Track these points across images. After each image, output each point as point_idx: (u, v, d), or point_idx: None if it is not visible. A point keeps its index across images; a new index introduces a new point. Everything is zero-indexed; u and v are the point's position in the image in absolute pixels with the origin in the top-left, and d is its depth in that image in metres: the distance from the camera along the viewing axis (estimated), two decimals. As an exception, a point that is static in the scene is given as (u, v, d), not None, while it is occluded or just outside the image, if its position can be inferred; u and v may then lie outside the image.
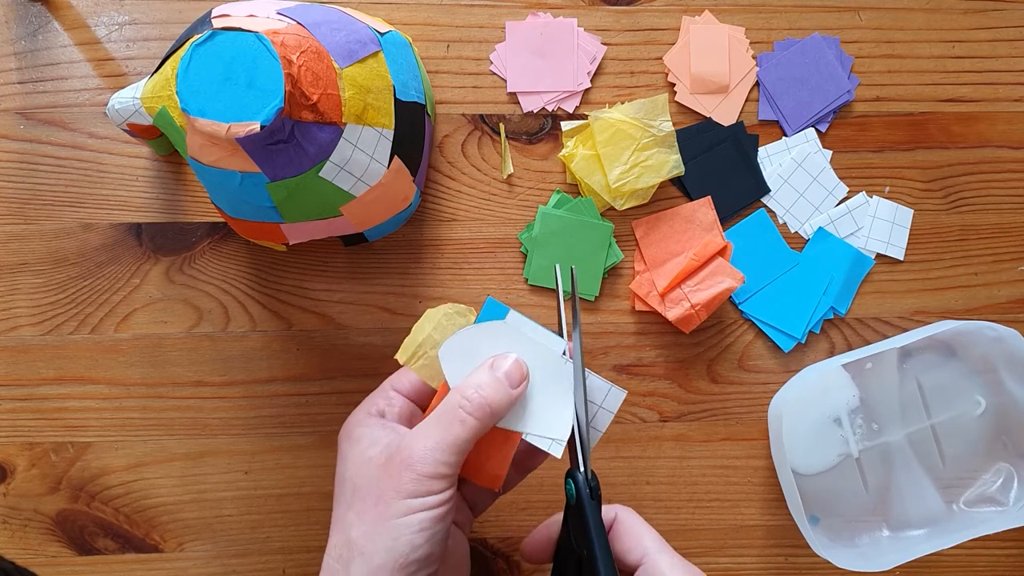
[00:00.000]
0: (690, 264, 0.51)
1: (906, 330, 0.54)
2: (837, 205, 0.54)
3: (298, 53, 0.39)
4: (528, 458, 0.44)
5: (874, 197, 0.54)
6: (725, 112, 0.53)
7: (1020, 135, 0.55)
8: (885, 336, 0.54)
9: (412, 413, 0.41)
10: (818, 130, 0.54)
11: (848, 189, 0.54)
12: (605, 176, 0.51)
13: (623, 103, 0.52)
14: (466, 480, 0.41)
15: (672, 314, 0.51)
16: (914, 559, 0.49)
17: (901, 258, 0.54)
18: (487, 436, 0.39)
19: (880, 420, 0.53)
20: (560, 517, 0.41)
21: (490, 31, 0.53)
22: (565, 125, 0.52)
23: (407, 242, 0.52)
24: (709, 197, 0.53)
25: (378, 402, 0.40)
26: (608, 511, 0.40)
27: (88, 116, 0.51)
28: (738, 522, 0.54)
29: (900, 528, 0.52)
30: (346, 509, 0.37)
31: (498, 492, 0.42)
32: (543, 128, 0.53)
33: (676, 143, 0.51)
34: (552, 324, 0.43)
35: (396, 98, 0.44)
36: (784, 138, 0.54)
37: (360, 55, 0.42)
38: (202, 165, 0.41)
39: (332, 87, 0.40)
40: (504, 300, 0.52)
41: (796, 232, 0.54)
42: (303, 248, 0.52)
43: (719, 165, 0.53)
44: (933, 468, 0.53)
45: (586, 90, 0.53)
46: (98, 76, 0.51)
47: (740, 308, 0.53)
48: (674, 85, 0.53)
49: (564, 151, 0.52)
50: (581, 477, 0.39)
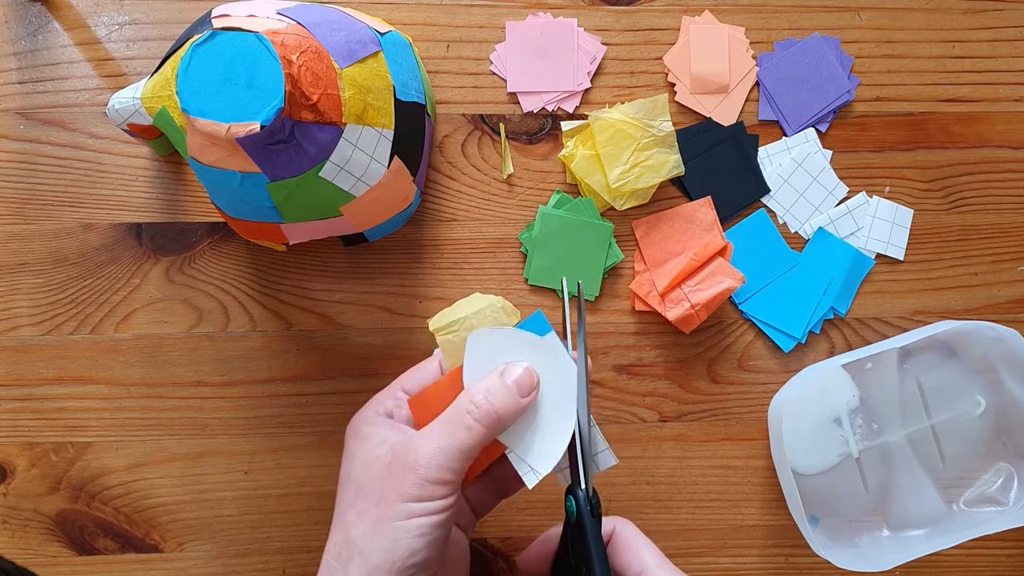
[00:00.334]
0: (690, 264, 0.51)
1: (906, 330, 0.54)
2: (837, 205, 0.54)
3: (298, 53, 0.39)
4: (505, 483, 0.43)
5: (874, 197, 0.54)
6: (725, 112, 0.53)
7: (1020, 135, 0.55)
8: (885, 336, 0.54)
9: None
10: (818, 130, 0.54)
11: (848, 189, 0.54)
12: (605, 176, 0.51)
13: (623, 103, 0.52)
14: (471, 483, 0.41)
15: (672, 314, 0.51)
16: (914, 559, 0.49)
17: (901, 258, 0.54)
18: None
19: (880, 420, 0.53)
20: (557, 531, 0.41)
21: (490, 31, 0.53)
22: (565, 125, 0.52)
23: (407, 242, 0.52)
24: (709, 197, 0.53)
25: (386, 402, 0.40)
26: (607, 523, 0.40)
27: (88, 116, 0.51)
28: (738, 522, 0.54)
29: (900, 528, 0.52)
30: (348, 507, 0.37)
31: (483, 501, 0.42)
32: (543, 128, 0.53)
33: (676, 143, 0.51)
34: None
35: (396, 98, 0.44)
36: (784, 138, 0.54)
37: (360, 55, 0.42)
38: (202, 165, 0.41)
39: (332, 87, 0.40)
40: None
41: (796, 232, 0.54)
42: (303, 248, 0.52)
43: (719, 165, 0.53)
44: (933, 468, 0.53)
45: (586, 90, 0.53)
46: (98, 76, 0.51)
47: (740, 308, 0.53)
48: (674, 85, 0.53)
49: (564, 151, 0.52)
50: (582, 495, 0.38)
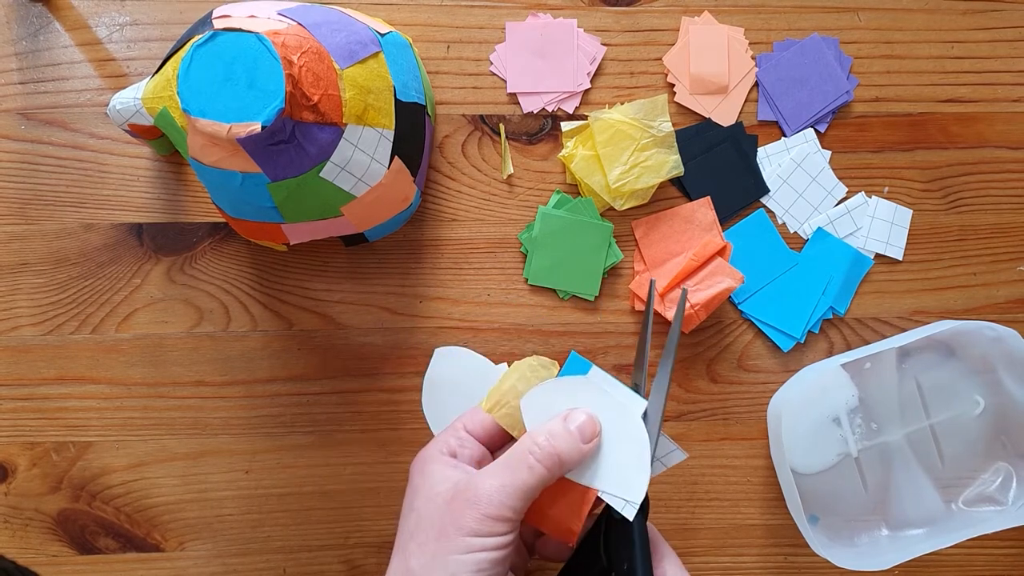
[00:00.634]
0: (690, 264, 0.51)
1: (905, 330, 0.54)
2: (836, 205, 0.54)
3: (299, 54, 0.39)
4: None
5: (873, 197, 0.54)
6: (724, 112, 0.53)
7: (1019, 135, 0.55)
8: (884, 336, 0.54)
9: (482, 456, 0.41)
10: (817, 130, 0.54)
11: (847, 189, 0.54)
12: (605, 176, 0.51)
13: (623, 103, 0.52)
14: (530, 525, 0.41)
15: (672, 314, 0.51)
16: (913, 558, 0.49)
17: (900, 258, 0.54)
18: (564, 490, 0.39)
19: (879, 420, 0.53)
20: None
21: (490, 32, 0.53)
22: (565, 125, 0.52)
23: (407, 242, 0.52)
24: (708, 197, 0.53)
25: (450, 441, 0.41)
26: None
27: (89, 116, 0.51)
28: (738, 522, 0.54)
29: (899, 527, 0.52)
30: (408, 538, 0.38)
31: (572, 547, 0.42)
32: (543, 128, 0.53)
33: (676, 143, 0.51)
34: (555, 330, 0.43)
35: (396, 99, 0.44)
36: (783, 138, 0.54)
37: (361, 56, 0.43)
38: (203, 165, 0.41)
39: (333, 88, 0.40)
40: (504, 300, 0.52)
41: (795, 232, 0.54)
42: (304, 248, 0.52)
43: (718, 165, 0.53)
44: (932, 468, 0.53)
45: (586, 91, 0.53)
46: (99, 76, 0.51)
47: (739, 308, 0.53)
48: (674, 86, 0.53)
49: (564, 151, 0.52)
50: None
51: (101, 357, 0.51)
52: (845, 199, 0.54)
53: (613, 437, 0.40)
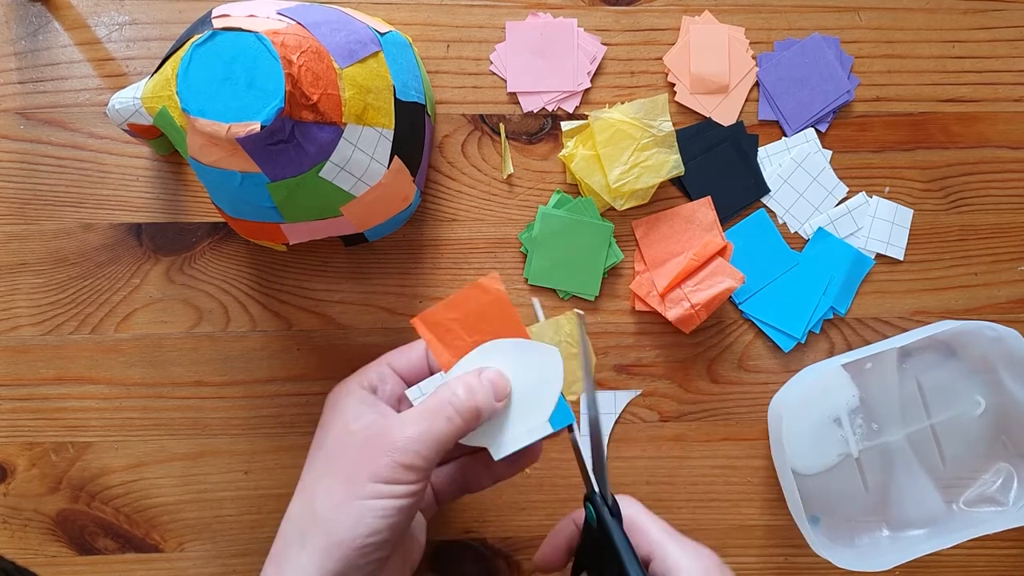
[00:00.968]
0: (690, 264, 0.51)
1: (906, 330, 0.54)
2: (837, 205, 0.54)
3: (298, 53, 0.39)
4: (471, 479, 0.44)
5: (874, 197, 0.54)
6: (725, 112, 0.53)
7: (1020, 135, 0.55)
8: (885, 336, 0.54)
9: (402, 395, 0.41)
10: (818, 130, 0.54)
11: (848, 189, 0.54)
12: (605, 176, 0.51)
13: (623, 103, 0.52)
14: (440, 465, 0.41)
15: (672, 314, 0.51)
16: (914, 559, 0.49)
17: (901, 258, 0.54)
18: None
19: (880, 420, 0.53)
20: (566, 525, 0.41)
21: (490, 31, 0.53)
22: (565, 125, 0.52)
23: (407, 242, 0.52)
24: (709, 197, 0.53)
25: (371, 376, 0.40)
26: None
27: (88, 116, 0.51)
28: (738, 522, 0.54)
29: (900, 528, 0.52)
30: (315, 479, 0.38)
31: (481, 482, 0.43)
32: (543, 128, 0.53)
33: (676, 143, 0.51)
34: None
35: (396, 98, 0.44)
36: (784, 138, 0.54)
37: (360, 55, 0.42)
38: (202, 165, 0.41)
39: (332, 87, 0.40)
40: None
41: (796, 232, 0.54)
42: (303, 248, 0.52)
43: (719, 165, 0.53)
44: (933, 468, 0.53)
45: (586, 90, 0.53)
46: (98, 76, 0.51)
47: (740, 308, 0.53)
48: (674, 85, 0.53)
49: (564, 151, 0.52)
50: (598, 499, 0.39)
51: (100, 357, 0.51)
52: (846, 199, 0.54)
53: (519, 407, 0.40)
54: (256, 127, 0.38)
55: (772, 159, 0.54)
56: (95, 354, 0.51)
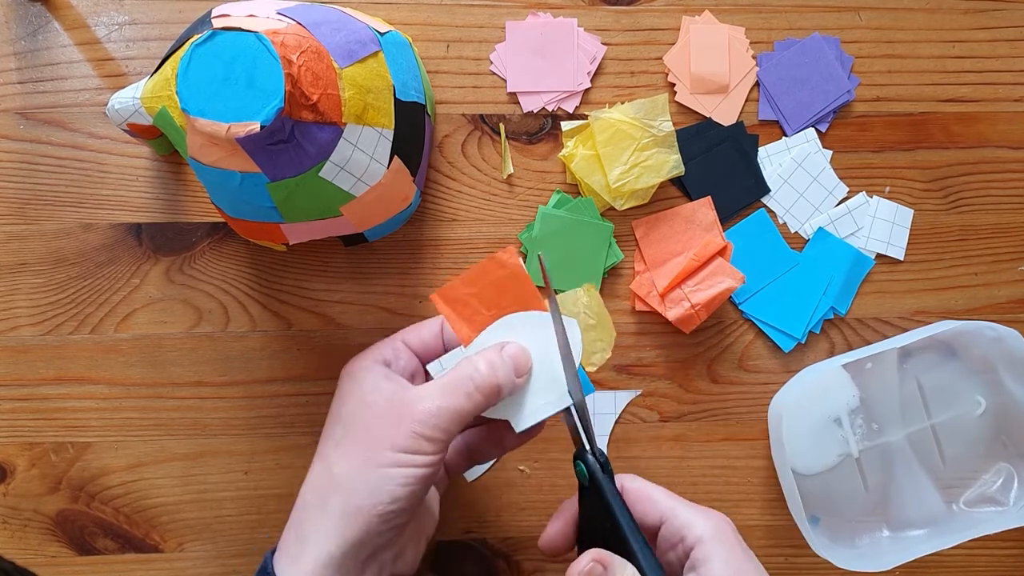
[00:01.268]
0: (690, 264, 0.51)
1: (906, 330, 0.54)
2: (837, 205, 0.54)
3: (298, 53, 0.39)
4: (479, 451, 0.44)
5: (874, 197, 0.54)
6: (725, 112, 0.53)
7: (1020, 135, 0.55)
8: (885, 336, 0.54)
9: (416, 370, 0.41)
10: (818, 130, 0.54)
11: (848, 189, 0.54)
12: (605, 176, 0.51)
13: (623, 103, 0.52)
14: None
15: (672, 314, 0.51)
16: (914, 559, 0.49)
17: (901, 258, 0.54)
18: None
19: (880, 420, 0.53)
20: (569, 503, 0.41)
21: (490, 31, 0.53)
22: (565, 125, 0.52)
23: (407, 242, 0.52)
24: (709, 197, 0.53)
25: (386, 352, 0.41)
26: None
27: (88, 116, 0.51)
28: (738, 522, 0.53)
29: (900, 528, 0.52)
30: (334, 446, 0.38)
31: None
32: (543, 128, 0.53)
33: (676, 143, 0.51)
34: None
35: (396, 98, 0.44)
36: (784, 138, 0.54)
37: (360, 55, 0.42)
38: (202, 165, 0.41)
39: (332, 87, 0.40)
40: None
41: (796, 232, 0.54)
42: (303, 248, 0.52)
43: (719, 165, 0.53)
44: (933, 468, 0.53)
45: (586, 90, 0.53)
46: (98, 76, 0.51)
47: (740, 308, 0.53)
48: (674, 85, 0.53)
49: (564, 151, 0.52)
50: (590, 456, 0.39)
51: (100, 357, 0.51)
52: (846, 199, 0.54)
53: (539, 379, 0.40)
54: (256, 127, 0.37)
55: (772, 159, 0.53)
56: (95, 354, 0.51)
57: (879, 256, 0.54)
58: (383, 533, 0.37)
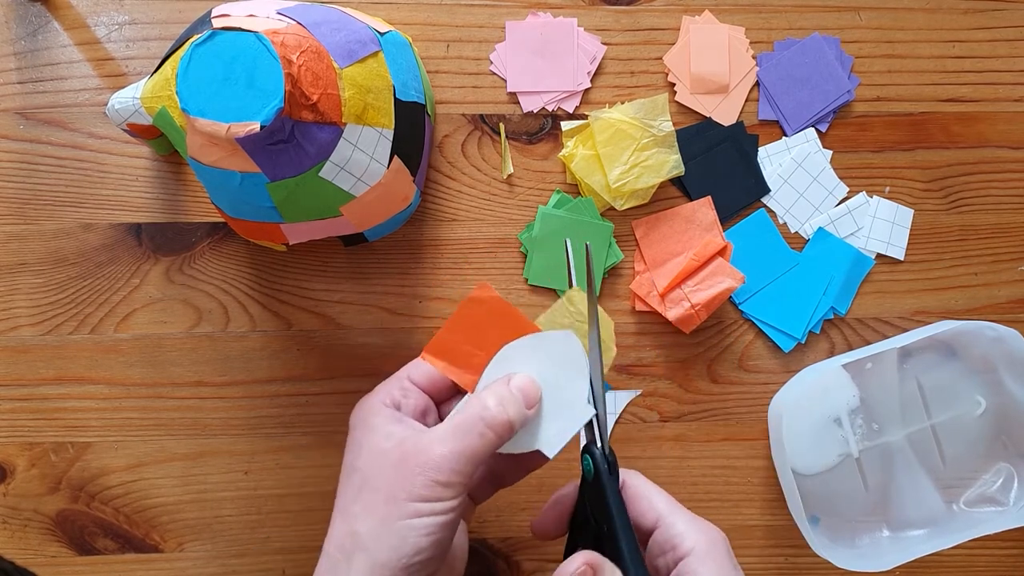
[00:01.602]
0: (690, 264, 0.51)
1: (906, 330, 0.54)
2: (837, 205, 0.54)
3: (298, 53, 0.39)
4: (503, 474, 0.43)
5: (874, 197, 0.54)
6: (725, 112, 0.53)
7: (1020, 135, 0.55)
8: (885, 336, 0.54)
9: (426, 407, 0.41)
10: (818, 130, 0.54)
11: (848, 189, 0.54)
12: (605, 176, 0.50)
13: (623, 103, 0.52)
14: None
15: (672, 314, 0.51)
16: (914, 559, 0.49)
17: (901, 258, 0.54)
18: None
19: (880, 420, 0.53)
20: (567, 490, 0.41)
21: (490, 31, 0.53)
22: (565, 125, 0.52)
23: (407, 242, 0.52)
24: (709, 197, 0.53)
25: (393, 392, 0.40)
26: None
27: (88, 116, 0.51)
28: (738, 522, 0.54)
29: (900, 528, 0.52)
30: (352, 500, 0.37)
31: (499, 485, 0.42)
32: (543, 128, 0.53)
33: (676, 143, 0.51)
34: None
35: (396, 98, 0.44)
36: (784, 138, 0.54)
37: (360, 55, 0.42)
38: (202, 165, 0.41)
39: (332, 87, 0.40)
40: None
41: (796, 232, 0.54)
42: (303, 248, 0.51)
43: (719, 165, 0.53)
44: (933, 468, 0.53)
45: (586, 90, 0.53)
46: (98, 76, 0.51)
47: (740, 308, 0.53)
48: (674, 85, 0.53)
49: (564, 151, 0.52)
50: (599, 452, 0.38)
51: (100, 357, 0.51)
52: (846, 199, 0.54)
53: (554, 400, 0.39)
54: (256, 127, 0.37)
55: (772, 159, 0.53)
56: (95, 354, 0.51)
57: (879, 256, 0.54)
58: None
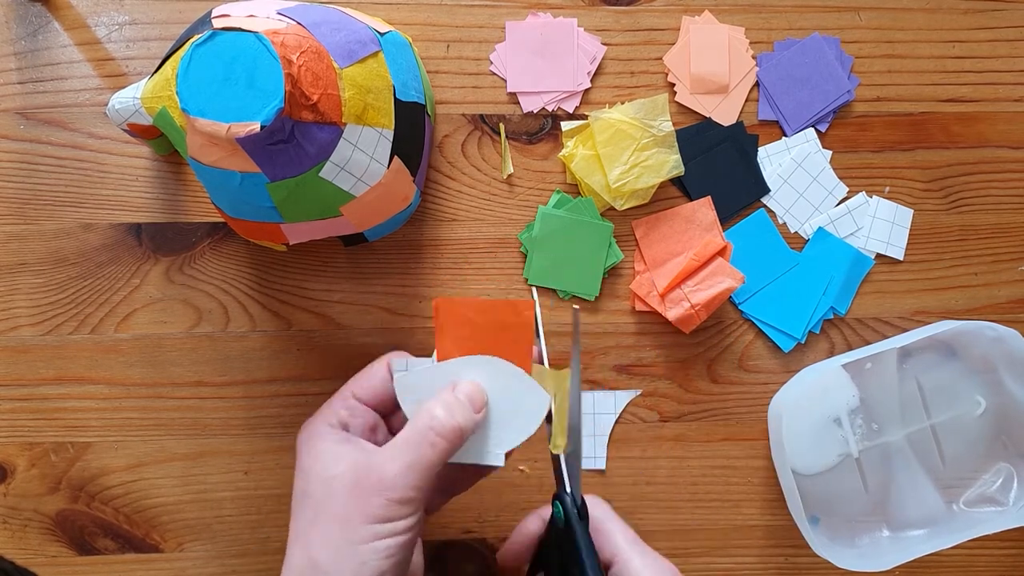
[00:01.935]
0: (690, 264, 0.51)
1: (906, 330, 0.54)
2: (837, 205, 0.54)
3: (298, 53, 0.39)
4: (454, 482, 0.43)
5: (874, 197, 0.54)
6: (725, 112, 0.53)
7: (1020, 135, 0.55)
8: (885, 336, 0.54)
9: (375, 423, 0.40)
10: (818, 130, 0.54)
11: (848, 189, 0.54)
12: (605, 176, 0.51)
13: (623, 103, 0.52)
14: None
15: (672, 314, 0.51)
16: (914, 559, 0.49)
17: (901, 258, 0.54)
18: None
19: (880, 420, 0.53)
20: (530, 524, 0.41)
21: (490, 31, 0.53)
22: (565, 125, 0.52)
23: (407, 242, 0.52)
24: (709, 197, 0.53)
25: (339, 411, 0.39)
26: None
27: (88, 116, 0.51)
28: (738, 522, 0.54)
29: (900, 528, 0.52)
30: (308, 526, 0.36)
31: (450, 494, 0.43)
32: (543, 128, 0.53)
33: (676, 143, 0.51)
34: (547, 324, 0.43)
35: (396, 98, 0.44)
36: (784, 138, 0.54)
37: (360, 55, 0.42)
38: (202, 165, 0.41)
39: (332, 87, 0.40)
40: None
41: (796, 232, 0.54)
42: (303, 248, 0.52)
43: (719, 165, 0.53)
44: (933, 468, 0.53)
45: (586, 90, 0.53)
46: (98, 76, 0.51)
47: (740, 308, 0.53)
48: (674, 85, 0.53)
49: (564, 151, 0.52)
50: (569, 500, 0.38)
51: (100, 357, 0.51)
52: (846, 199, 0.54)
53: (498, 410, 0.39)
54: (256, 127, 0.38)
55: (772, 159, 0.54)
56: (95, 354, 0.51)
57: (879, 256, 0.54)
58: None
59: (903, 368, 0.53)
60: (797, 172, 0.53)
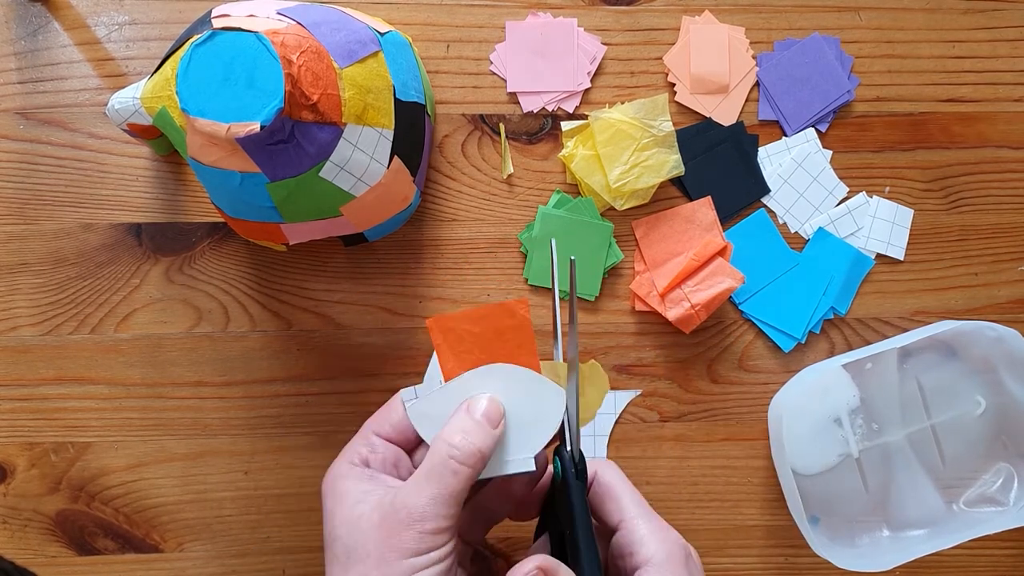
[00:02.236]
0: (690, 264, 0.51)
1: (906, 330, 0.54)
2: (837, 205, 0.54)
3: (298, 53, 0.39)
4: (492, 512, 0.42)
5: (874, 197, 0.54)
6: (725, 112, 0.53)
7: (1020, 135, 0.55)
8: (885, 336, 0.54)
9: (397, 458, 0.40)
10: (818, 130, 0.54)
11: (848, 189, 0.54)
12: (605, 176, 0.51)
13: (623, 103, 0.52)
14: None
15: (672, 314, 0.51)
16: (914, 559, 0.49)
17: (901, 258, 0.54)
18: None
19: (880, 420, 0.53)
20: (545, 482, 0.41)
21: (490, 31, 0.53)
22: (565, 125, 0.52)
23: (407, 242, 0.52)
24: (709, 197, 0.53)
25: (360, 450, 0.39)
26: (588, 466, 0.39)
27: (88, 116, 0.51)
28: (738, 522, 0.54)
29: (900, 528, 0.52)
30: (342, 571, 0.36)
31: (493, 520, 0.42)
32: (543, 128, 0.53)
33: (676, 143, 0.51)
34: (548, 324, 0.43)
35: (396, 98, 0.44)
36: (784, 138, 0.54)
37: (360, 55, 0.42)
38: (202, 165, 0.41)
39: (332, 87, 0.40)
40: (504, 300, 0.52)
41: (796, 232, 0.54)
42: (303, 248, 0.52)
43: (719, 165, 0.53)
44: (933, 468, 0.53)
45: (586, 90, 0.53)
46: (98, 76, 0.51)
47: (740, 308, 0.53)
48: (674, 85, 0.53)
49: (564, 151, 0.52)
50: (568, 455, 0.38)
51: (100, 357, 0.51)
52: (846, 199, 0.54)
53: (516, 419, 0.39)
54: (256, 127, 0.38)
55: (772, 159, 0.53)
56: (95, 354, 0.51)
57: (879, 256, 0.54)
58: None
59: (903, 368, 0.53)
60: (797, 172, 0.53)
